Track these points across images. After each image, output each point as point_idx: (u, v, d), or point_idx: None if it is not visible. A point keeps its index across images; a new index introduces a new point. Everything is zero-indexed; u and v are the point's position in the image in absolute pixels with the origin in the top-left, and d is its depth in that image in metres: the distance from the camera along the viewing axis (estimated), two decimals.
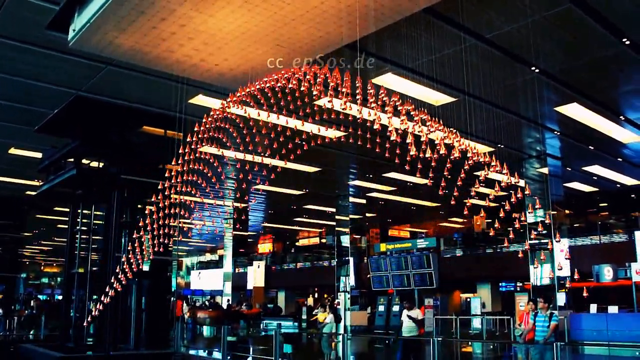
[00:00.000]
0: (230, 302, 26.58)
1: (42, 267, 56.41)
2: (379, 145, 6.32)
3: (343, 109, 6.32)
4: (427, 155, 5.75)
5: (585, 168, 17.98)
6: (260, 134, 8.06)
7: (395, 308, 21.57)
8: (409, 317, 11.14)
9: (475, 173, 6.04)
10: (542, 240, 16.66)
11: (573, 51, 9.69)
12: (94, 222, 14.19)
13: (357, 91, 6.11)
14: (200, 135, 7.78)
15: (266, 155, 7.79)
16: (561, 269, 15.01)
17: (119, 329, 12.96)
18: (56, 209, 23.41)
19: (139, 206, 13.61)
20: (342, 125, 8.02)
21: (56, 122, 12.39)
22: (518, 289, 25.34)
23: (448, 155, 5.75)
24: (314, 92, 6.28)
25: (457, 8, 7.12)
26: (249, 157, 8.29)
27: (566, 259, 15.77)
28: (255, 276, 31.56)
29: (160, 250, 8.40)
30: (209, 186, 9.11)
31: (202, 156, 8.03)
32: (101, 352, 12.35)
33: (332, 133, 13.24)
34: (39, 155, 14.98)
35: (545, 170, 16.55)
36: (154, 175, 13.33)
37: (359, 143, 7.31)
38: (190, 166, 7.92)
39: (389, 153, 6.08)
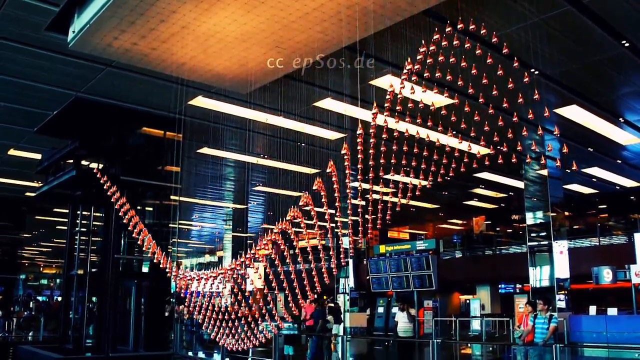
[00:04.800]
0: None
1: (41, 269, 56.31)
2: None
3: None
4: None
5: (584, 170, 17.97)
6: None
7: (395, 310, 21.53)
8: (408, 314, 11.05)
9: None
10: (542, 242, 16.65)
11: (572, 53, 9.69)
12: (94, 223, 14.18)
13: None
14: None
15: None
16: None
17: (118, 330, 12.96)
18: (55, 210, 23.39)
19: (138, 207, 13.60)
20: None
21: (56, 123, 12.39)
22: (517, 290, 25.32)
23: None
24: None
25: (456, 10, 7.12)
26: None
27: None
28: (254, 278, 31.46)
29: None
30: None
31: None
32: (100, 354, 12.35)
33: (330, 134, 13.23)
34: (38, 156, 14.96)
35: (544, 172, 16.56)
36: (154, 177, 13.38)
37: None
38: None
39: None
